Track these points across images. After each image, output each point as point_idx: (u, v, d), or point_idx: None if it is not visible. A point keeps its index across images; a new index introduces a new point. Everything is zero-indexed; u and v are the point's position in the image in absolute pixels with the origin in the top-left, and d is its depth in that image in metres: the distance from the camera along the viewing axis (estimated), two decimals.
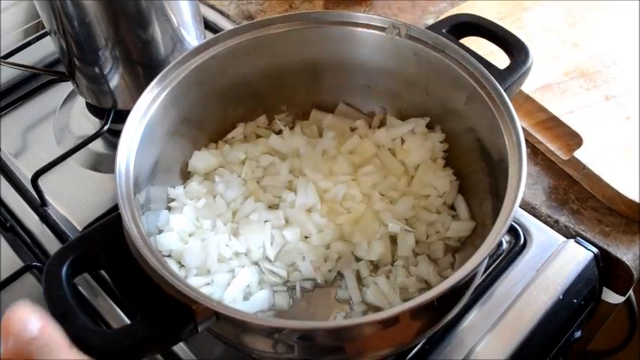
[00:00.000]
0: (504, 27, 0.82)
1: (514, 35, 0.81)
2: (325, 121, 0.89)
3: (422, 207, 0.80)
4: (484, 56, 0.78)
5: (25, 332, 0.47)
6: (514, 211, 0.61)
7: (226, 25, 1.14)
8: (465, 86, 0.75)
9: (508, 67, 0.79)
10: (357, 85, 0.88)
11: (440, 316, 0.66)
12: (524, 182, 0.63)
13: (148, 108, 0.74)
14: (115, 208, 0.82)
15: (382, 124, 0.89)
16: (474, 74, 0.74)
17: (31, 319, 0.48)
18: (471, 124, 0.77)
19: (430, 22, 1.09)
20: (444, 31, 0.82)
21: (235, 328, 0.62)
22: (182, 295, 0.57)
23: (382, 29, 0.80)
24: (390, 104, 0.89)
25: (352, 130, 0.89)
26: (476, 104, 0.74)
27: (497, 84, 0.71)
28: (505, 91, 0.71)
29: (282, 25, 0.82)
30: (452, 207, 0.82)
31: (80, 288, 0.80)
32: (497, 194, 0.70)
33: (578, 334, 0.84)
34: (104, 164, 0.96)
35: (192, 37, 0.93)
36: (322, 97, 0.90)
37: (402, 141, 0.85)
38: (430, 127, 0.85)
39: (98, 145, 0.98)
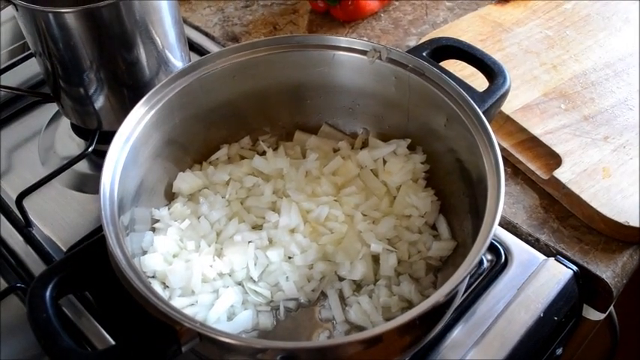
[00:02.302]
0: (483, 50, 0.83)
1: (492, 58, 0.83)
2: (308, 142, 0.90)
3: (404, 227, 0.81)
4: (466, 77, 0.80)
5: None
6: (493, 231, 0.62)
7: (211, 47, 1.15)
8: (444, 108, 0.77)
9: (487, 89, 0.80)
10: (339, 106, 0.90)
11: (422, 335, 0.67)
12: (502, 203, 0.64)
13: (133, 129, 0.75)
14: (100, 229, 0.83)
15: (364, 145, 0.90)
16: (453, 97, 0.76)
17: None
18: (451, 145, 0.79)
19: (412, 43, 1.11)
20: (424, 54, 0.83)
21: (219, 349, 0.62)
22: (165, 317, 0.58)
23: (364, 52, 0.82)
24: (372, 125, 0.90)
25: (335, 151, 0.90)
26: (455, 126, 0.75)
27: (476, 106, 0.73)
28: (484, 113, 0.73)
29: (265, 49, 0.83)
30: (433, 227, 0.83)
31: (64, 309, 0.80)
32: (477, 214, 0.71)
33: (559, 351, 0.85)
34: (89, 185, 0.96)
35: (177, 58, 0.95)
36: (305, 118, 0.92)
37: (384, 162, 0.86)
38: (412, 148, 0.86)
39: (83, 166, 0.98)
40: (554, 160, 0.91)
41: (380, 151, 0.86)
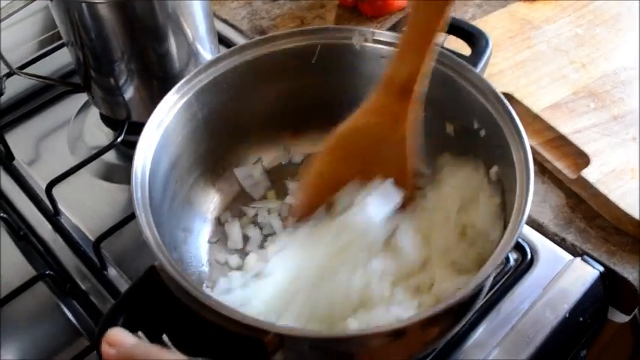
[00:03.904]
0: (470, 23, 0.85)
1: (469, 23, 0.84)
2: None
3: None
4: None
5: (125, 342, 0.53)
6: (519, 230, 0.62)
7: (239, 40, 1.15)
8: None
9: (472, 53, 0.81)
10: None
11: (446, 330, 0.67)
12: (530, 201, 0.64)
13: (165, 116, 0.76)
14: (130, 217, 0.84)
15: None
16: (448, 64, 0.78)
17: (129, 336, 0.54)
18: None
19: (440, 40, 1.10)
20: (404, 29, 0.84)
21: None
22: (251, 329, 0.56)
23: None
24: None
25: None
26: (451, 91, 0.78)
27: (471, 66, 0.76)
28: None
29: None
30: None
31: None
32: (504, 209, 0.71)
33: (583, 352, 0.85)
34: (117, 175, 0.98)
35: (207, 51, 0.95)
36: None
37: None
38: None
39: (111, 156, 0.99)
40: (582, 159, 0.90)
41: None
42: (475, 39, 0.82)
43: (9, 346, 0.80)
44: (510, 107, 0.72)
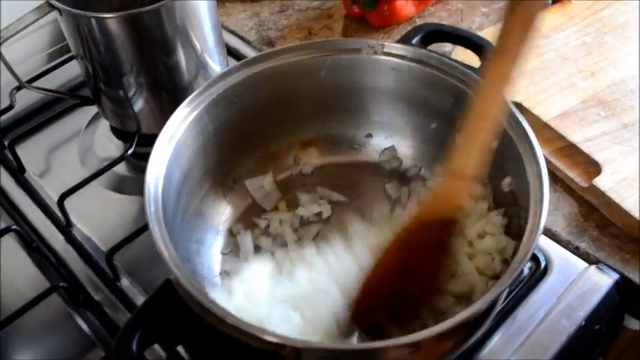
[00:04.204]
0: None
1: (477, 35, 0.85)
2: None
3: None
4: None
5: None
6: (535, 243, 0.62)
7: (247, 51, 1.16)
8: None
9: (482, 66, 0.80)
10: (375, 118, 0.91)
11: (461, 343, 0.67)
12: (545, 214, 0.64)
13: (176, 129, 0.76)
14: (142, 229, 0.84)
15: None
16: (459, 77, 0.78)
17: None
18: None
19: (448, 49, 1.11)
20: (413, 41, 0.85)
21: None
22: (269, 344, 0.56)
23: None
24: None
25: None
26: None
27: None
28: None
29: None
30: None
31: None
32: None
33: None
34: (127, 186, 0.98)
35: (216, 63, 0.95)
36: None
37: None
38: None
39: (122, 168, 0.99)
40: (593, 167, 0.90)
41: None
42: (485, 50, 0.82)
43: (24, 356, 0.80)
44: (522, 118, 0.72)
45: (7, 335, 0.79)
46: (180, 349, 0.62)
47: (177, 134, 0.76)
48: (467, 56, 0.85)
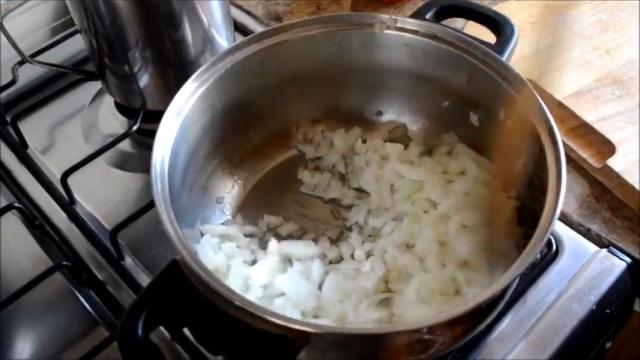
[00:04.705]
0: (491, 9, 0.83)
1: (493, 10, 0.83)
2: None
3: None
4: None
5: None
6: (551, 230, 0.60)
7: (254, 26, 1.13)
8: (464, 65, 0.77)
9: (498, 41, 0.80)
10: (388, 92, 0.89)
11: (472, 328, 0.65)
12: (562, 198, 0.62)
13: (183, 105, 0.75)
14: (146, 207, 0.83)
15: None
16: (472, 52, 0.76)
17: None
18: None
19: (459, 25, 1.08)
20: (427, 17, 0.83)
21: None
22: (278, 327, 0.55)
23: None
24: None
25: None
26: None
27: (498, 56, 0.75)
28: None
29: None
30: None
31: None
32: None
33: (608, 344, 0.83)
34: (131, 163, 0.96)
35: (223, 38, 0.93)
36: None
37: None
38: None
39: (125, 145, 0.98)
40: (607, 147, 0.88)
41: None
42: (500, 26, 0.80)
43: (26, 335, 0.79)
44: (540, 98, 0.70)
45: (10, 313, 0.78)
46: (186, 331, 0.60)
47: (185, 110, 0.74)
48: (477, 32, 0.83)
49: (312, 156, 0.90)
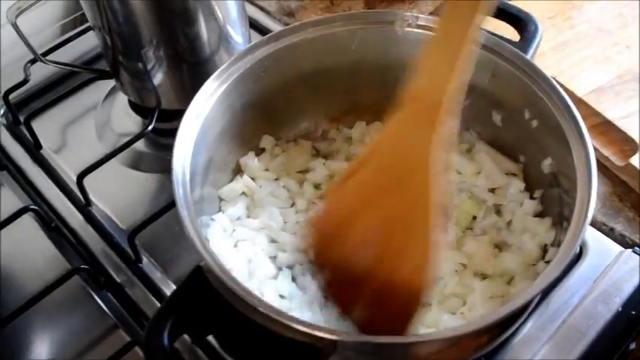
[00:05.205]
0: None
1: (516, 7, 0.81)
2: None
3: None
4: None
5: None
6: (583, 234, 0.60)
7: (268, 22, 1.12)
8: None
9: (522, 39, 0.78)
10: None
11: (497, 336, 0.65)
12: (594, 201, 0.62)
13: (203, 106, 0.73)
14: (165, 209, 0.82)
15: None
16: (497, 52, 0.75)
17: None
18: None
19: None
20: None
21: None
22: (308, 336, 0.54)
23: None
24: None
25: None
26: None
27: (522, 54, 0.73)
28: None
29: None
30: None
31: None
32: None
33: (632, 345, 0.82)
34: (146, 163, 0.95)
35: (239, 35, 0.92)
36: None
37: None
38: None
39: (140, 144, 0.96)
40: (629, 145, 0.87)
41: None
42: (523, 24, 0.78)
43: (44, 338, 0.79)
44: (568, 97, 0.69)
45: (28, 316, 0.78)
46: (210, 338, 0.59)
47: (205, 110, 0.73)
48: (493, 28, 0.81)
49: (328, 152, 0.89)
